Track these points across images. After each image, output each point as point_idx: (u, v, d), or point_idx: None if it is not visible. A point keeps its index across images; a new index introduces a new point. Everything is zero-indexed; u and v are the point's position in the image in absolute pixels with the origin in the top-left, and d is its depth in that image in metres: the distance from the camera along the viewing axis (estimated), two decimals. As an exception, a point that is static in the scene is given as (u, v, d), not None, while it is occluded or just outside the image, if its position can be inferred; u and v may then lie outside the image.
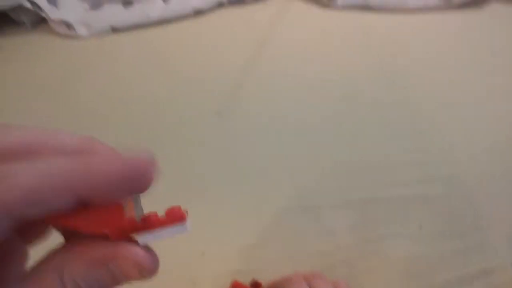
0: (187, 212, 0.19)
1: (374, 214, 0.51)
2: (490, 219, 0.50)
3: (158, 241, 0.19)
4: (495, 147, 0.58)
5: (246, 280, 0.44)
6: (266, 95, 0.65)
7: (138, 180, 0.18)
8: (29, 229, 0.20)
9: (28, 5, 0.73)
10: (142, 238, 0.19)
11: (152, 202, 0.21)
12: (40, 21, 0.78)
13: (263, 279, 0.44)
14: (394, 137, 0.59)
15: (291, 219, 0.50)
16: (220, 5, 0.82)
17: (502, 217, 0.51)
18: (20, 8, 0.74)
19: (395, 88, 0.66)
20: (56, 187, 0.17)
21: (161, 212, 0.19)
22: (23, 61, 0.72)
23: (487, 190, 0.53)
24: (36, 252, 0.20)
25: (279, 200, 0.52)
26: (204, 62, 0.70)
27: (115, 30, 0.77)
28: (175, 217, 0.19)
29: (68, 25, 0.75)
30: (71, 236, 0.20)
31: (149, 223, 0.19)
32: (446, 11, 0.80)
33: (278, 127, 0.60)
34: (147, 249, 0.19)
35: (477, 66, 0.70)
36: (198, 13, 0.80)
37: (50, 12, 0.75)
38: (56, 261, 0.18)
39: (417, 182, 0.54)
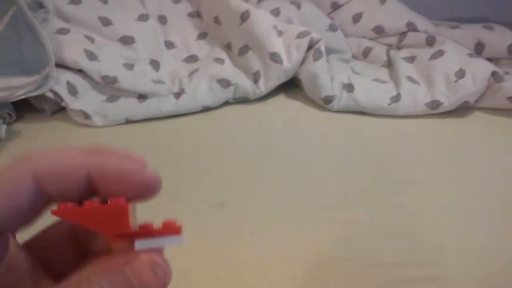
0: (181, 226, 0.21)
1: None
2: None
3: (153, 248, 0.20)
4: (481, 250, 0.62)
5: None
6: (266, 188, 0.69)
7: (146, 186, 0.20)
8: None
9: (50, 95, 0.80)
10: (140, 244, 0.20)
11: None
12: (59, 109, 0.84)
13: None
14: (385, 237, 0.63)
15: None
16: (226, 103, 0.89)
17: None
18: (42, 96, 0.80)
19: (385, 191, 0.71)
20: (73, 166, 0.19)
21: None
22: (40, 146, 0.77)
23: None
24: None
25: None
26: (209, 154, 0.76)
27: (129, 121, 0.83)
28: (172, 228, 0.20)
29: (86, 115, 0.81)
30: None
31: (147, 231, 0.20)
32: (433, 118, 0.88)
33: (273, 221, 0.64)
34: (161, 255, 0.21)
35: (461, 171, 0.76)
36: (206, 109, 0.87)
37: (69, 102, 0.81)
38: (78, 275, 0.20)
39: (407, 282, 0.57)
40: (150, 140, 0.79)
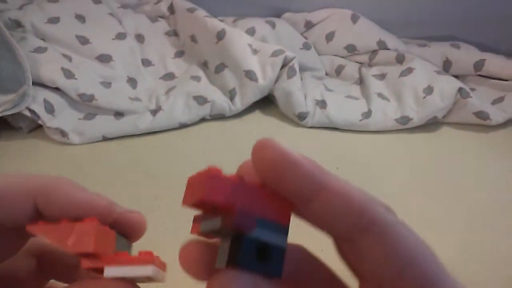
0: (162, 262, 0.20)
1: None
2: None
3: (124, 277, 0.19)
4: (446, 263, 0.64)
5: None
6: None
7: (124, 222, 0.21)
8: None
9: (27, 113, 0.80)
10: (109, 270, 0.19)
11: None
12: (36, 127, 0.85)
13: None
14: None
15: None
16: (202, 119, 0.91)
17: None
18: (19, 114, 0.81)
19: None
20: (15, 189, 0.19)
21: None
22: (17, 164, 0.78)
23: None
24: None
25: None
26: (186, 170, 0.77)
27: (106, 138, 0.84)
28: (145, 258, 0.20)
29: (63, 133, 0.81)
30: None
31: (119, 259, 0.19)
32: (403, 133, 0.90)
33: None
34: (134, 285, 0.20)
35: (430, 184, 0.78)
36: (183, 126, 0.88)
37: (46, 120, 0.82)
38: None
39: None
40: (127, 157, 0.80)
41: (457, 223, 0.71)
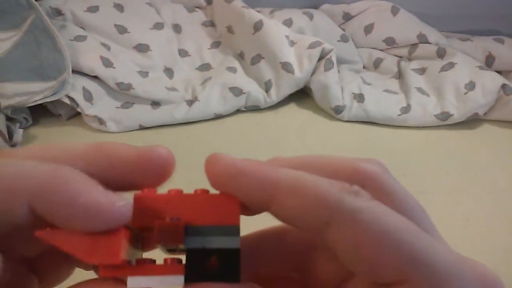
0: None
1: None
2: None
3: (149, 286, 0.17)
4: (488, 262, 0.62)
5: None
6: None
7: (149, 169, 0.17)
8: (45, 267, 0.20)
9: (66, 100, 0.82)
10: (133, 281, 0.17)
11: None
12: (74, 115, 0.86)
13: None
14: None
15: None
16: (237, 111, 0.90)
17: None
18: (58, 101, 0.82)
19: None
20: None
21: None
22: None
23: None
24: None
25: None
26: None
27: (142, 127, 0.84)
28: (173, 267, 0.17)
29: (100, 120, 0.82)
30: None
31: (145, 267, 0.17)
32: (442, 129, 0.88)
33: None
34: None
35: (470, 182, 0.76)
36: (218, 117, 0.88)
37: (85, 107, 0.83)
38: None
39: None
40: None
41: (498, 223, 0.69)
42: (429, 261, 0.15)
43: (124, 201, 0.16)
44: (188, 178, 0.72)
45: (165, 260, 0.17)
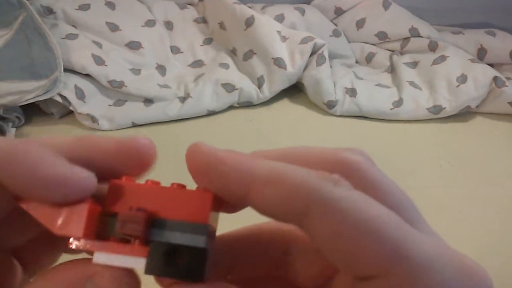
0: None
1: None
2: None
3: (112, 264, 0.17)
4: (480, 254, 0.63)
5: None
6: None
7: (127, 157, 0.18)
8: (30, 255, 0.20)
9: (59, 99, 0.81)
10: (99, 256, 0.17)
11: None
12: (67, 113, 0.86)
13: None
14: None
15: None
16: (230, 107, 0.90)
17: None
18: (50, 100, 0.82)
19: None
20: None
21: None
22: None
23: None
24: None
25: None
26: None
27: (135, 125, 0.84)
28: (140, 250, 0.17)
29: (93, 118, 0.82)
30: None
31: (111, 246, 0.17)
32: (435, 122, 0.88)
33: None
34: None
35: (462, 175, 0.77)
36: (211, 113, 0.88)
37: (77, 106, 0.82)
38: None
39: None
40: (156, 143, 0.81)
41: (490, 215, 0.69)
42: (409, 254, 0.15)
43: (87, 173, 0.16)
44: (180, 175, 0.72)
45: (134, 241, 0.17)
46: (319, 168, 0.17)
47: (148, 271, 0.17)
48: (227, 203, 0.18)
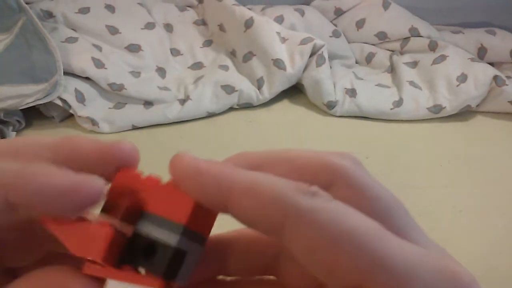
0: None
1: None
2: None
3: None
4: (481, 253, 0.63)
5: None
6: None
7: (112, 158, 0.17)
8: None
9: (59, 102, 0.82)
10: (113, 284, 0.17)
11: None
12: (67, 116, 0.86)
13: None
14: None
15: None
16: (230, 109, 0.91)
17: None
18: (51, 103, 0.82)
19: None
20: None
21: None
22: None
23: None
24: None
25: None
26: (214, 158, 0.77)
27: (135, 127, 0.84)
28: (154, 281, 0.17)
29: (93, 121, 0.82)
30: None
31: (126, 274, 0.17)
32: (435, 122, 0.88)
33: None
34: None
35: (463, 174, 0.77)
36: (211, 115, 0.88)
37: (77, 109, 0.83)
38: None
39: None
40: (155, 146, 0.81)
41: (491, 214, 0.69)
42: (389, 264, 0.15)
43: (96, 178, 0.17)
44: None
45: (147, 271, 0.17)
46: (306, 173, 0.17)
47: (123, 259, 0.17)
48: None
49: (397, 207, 0.17)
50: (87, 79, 0.86)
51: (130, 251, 0.17)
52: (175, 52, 1.00)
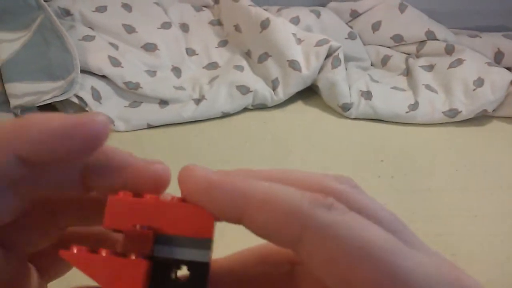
0: None
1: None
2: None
3: None
4: (496, 258, 0.62)
5: None
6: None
7: (84, 134, 0.16)
8: (44, 260, 0.20)
9: (75, 100, 0.82)
10: None
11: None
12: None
13: None
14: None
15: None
16: (245, 109, 0.91)
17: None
18: (67, 101, 0.83)
19: (401, 198, 0.71)
20: None
21: None
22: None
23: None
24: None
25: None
26: (228, 159, 0.77)
27: (150, 126, 0.85)
28: None
29: (109, 120, 0.83)
30: None
31: None
32: (451, 126, 0.88)
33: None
34: None
35: (478, 179, 0.76)
36: (225, 115, 0.88)
37: (93, 107, 0.83)
38: None
39: None
40: (170, 145, 0.81)
41: (507, 220, 0.68)
42: (406, 277, 0.15)
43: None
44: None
45: None
46: None
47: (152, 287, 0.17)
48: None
49: (399, 225, 0.18)
50: (104, 77, 0.86)
51: (154, 278, 0.17)
52: (190, 52, 1.00)
